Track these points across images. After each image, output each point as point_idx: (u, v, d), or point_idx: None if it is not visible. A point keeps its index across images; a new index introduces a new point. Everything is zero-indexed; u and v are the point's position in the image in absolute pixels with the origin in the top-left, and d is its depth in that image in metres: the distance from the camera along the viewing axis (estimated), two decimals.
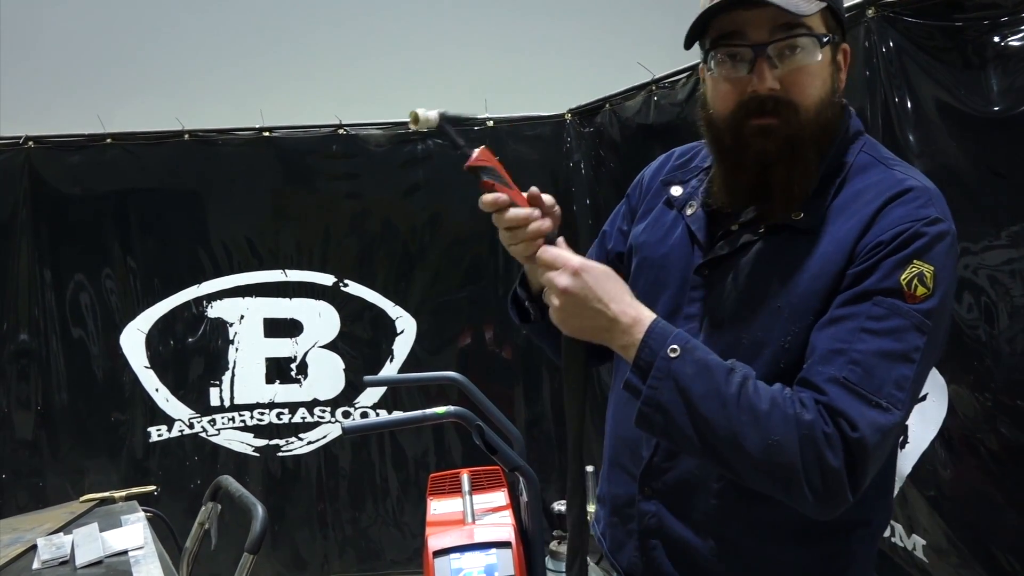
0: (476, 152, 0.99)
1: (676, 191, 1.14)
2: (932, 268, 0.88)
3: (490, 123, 3.41)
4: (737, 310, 1.00)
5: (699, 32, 0.98)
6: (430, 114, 0.98)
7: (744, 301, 0.99)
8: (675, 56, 1.01)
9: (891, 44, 1.91)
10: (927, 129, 1.83)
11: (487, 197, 1.00)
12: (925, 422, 1.88)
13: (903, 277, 0.88)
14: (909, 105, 1.87)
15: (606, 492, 1.18)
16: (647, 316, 0.95)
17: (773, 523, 0.99)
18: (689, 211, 1.10)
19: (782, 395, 0.89)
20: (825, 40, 0.95)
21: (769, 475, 0.88)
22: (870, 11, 1.95)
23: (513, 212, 1.00)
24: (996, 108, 1.66)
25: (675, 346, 0.91)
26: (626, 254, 1.21)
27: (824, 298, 0.93)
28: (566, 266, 0.96)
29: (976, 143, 1.73)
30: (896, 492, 1.94)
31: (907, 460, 1.92)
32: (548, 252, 0.99)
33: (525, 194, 1.03)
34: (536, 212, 1.00)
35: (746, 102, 0.96)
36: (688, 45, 1.00)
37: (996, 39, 1.66)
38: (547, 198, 1.05)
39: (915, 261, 0.88)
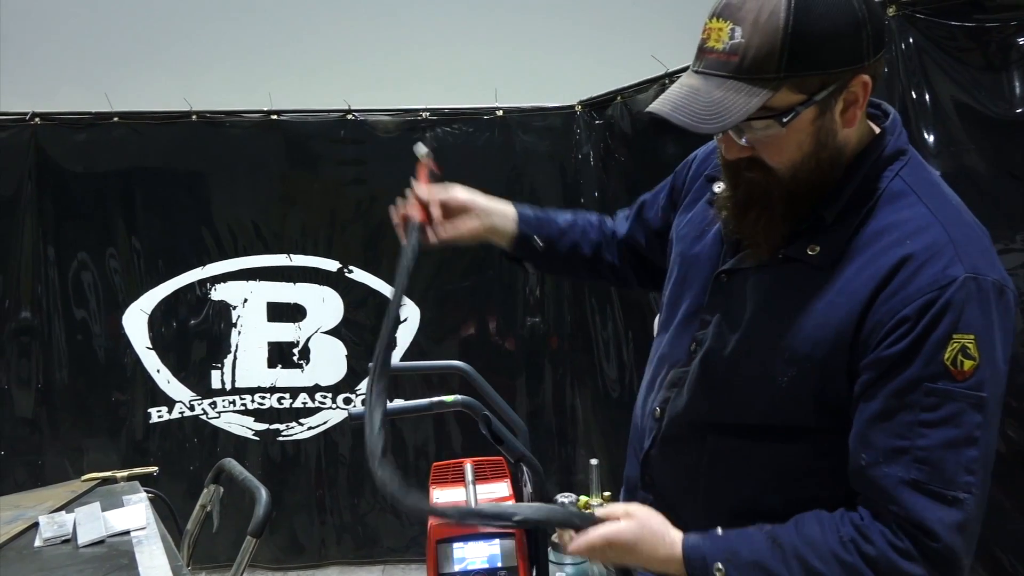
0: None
1: (718, 188, 1.11)
2: (973, 336, 0.84)
3: (499, 112, 3.39)
4: (742, 338, 0.99)
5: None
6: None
7: (750, 330, 0.98)
8: (689, 49, 0.99)
9: (911, 42, 1.90)
10: (945, 128, 1.82)
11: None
12: None
13: (946, 357, 0.84)
14: (928, 104, 1.86)
15: (625, 471, 1.22)
16: (678, 550, 0.95)
17: None
18: (724, 212, 1.07)
19: (837, 542, 0.88)
20: (789, 116, 0.87)
21: None
22: (890, 10, 1.93)
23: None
24: (1019, 111, 1.65)
25: (719, 564, 0.92)
26: (668, 243, 1.21)
27: (825, 349, 0.90)
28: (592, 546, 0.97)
29: (994, 145, 1.72)
30: None
31: None
32: (576, 544, 0.98)
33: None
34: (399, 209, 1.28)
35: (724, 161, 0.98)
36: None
37: (1020, 41, 1.64)
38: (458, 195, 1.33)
39: (953, 336, 0.84)
